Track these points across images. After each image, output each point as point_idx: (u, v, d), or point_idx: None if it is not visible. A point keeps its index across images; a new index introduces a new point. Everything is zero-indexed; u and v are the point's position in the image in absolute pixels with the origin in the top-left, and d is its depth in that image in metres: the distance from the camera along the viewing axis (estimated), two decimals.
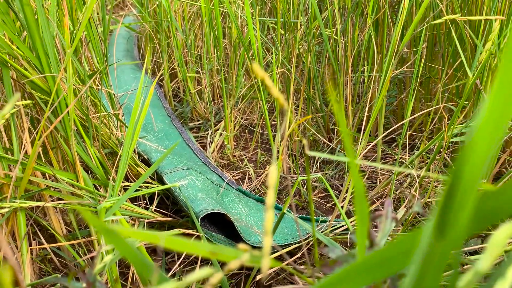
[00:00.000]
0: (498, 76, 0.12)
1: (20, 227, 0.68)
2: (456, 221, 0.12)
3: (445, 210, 0.12)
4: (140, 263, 0.20)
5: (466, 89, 0.76)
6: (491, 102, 0.13)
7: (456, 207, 0.12)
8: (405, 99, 1.24)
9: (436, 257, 0.13)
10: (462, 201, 0.12)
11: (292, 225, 0.87)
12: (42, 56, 0.65)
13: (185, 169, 0.94)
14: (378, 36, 1.14)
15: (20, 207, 0.65)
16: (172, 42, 1.40)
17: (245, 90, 1.31)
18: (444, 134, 0.80)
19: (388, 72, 0.88)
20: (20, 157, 0.66)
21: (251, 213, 0.89)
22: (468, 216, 0.12)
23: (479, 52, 0.81)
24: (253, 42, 1.04)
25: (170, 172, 0.92)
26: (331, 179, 1.08)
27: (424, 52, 1.10)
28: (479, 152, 0.11)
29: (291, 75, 1.13)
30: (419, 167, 1.06)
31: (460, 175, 0.12)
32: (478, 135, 0.11)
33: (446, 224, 0.12)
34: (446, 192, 0.12)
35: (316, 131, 1.23)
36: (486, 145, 0.11)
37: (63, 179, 0.69)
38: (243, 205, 0.92)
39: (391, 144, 1.21)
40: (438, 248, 0.13)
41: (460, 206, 0.12)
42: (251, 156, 1.22)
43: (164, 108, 1.36)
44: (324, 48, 1.27)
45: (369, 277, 0.19)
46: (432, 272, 0.13)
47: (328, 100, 1.39)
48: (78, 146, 0.73)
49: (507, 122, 0.13)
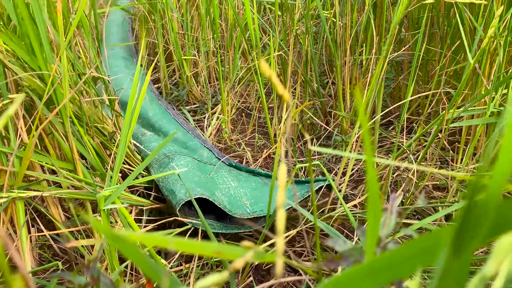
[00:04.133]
0: None
1: (19, 215, 0.68)
2: (472, 241, 0.12)
3: (461, 232, 0.12)
4: (150, 268, 0.20)
5: (465, 74, 0.75)
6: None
7: (473, 227, 0.12)
8: (403, 81, 1.24)
9: (453, 273, 0.13)
10: (480, 220, 0.12)
11: (288, 194, 0.88)
12: (35, 45, 0.63)
13: (168, 156, 0.93)
14: (376, 18, 1.12)
15: (19, 197, 0.65)
16: (167, 24, 1.38)
17: (242, 73, 1.30)
18: (442, 118, 0.79)
19: (387, 54, 0.87)
20: (16, 145, 0.65)
21: (240, 185, 0.90)
22: (485, 234, 0.12)
23: (479, 36, 0.80)
24: (249, 23, 1.02)
25: (156, 163, 0.92)
26: (328, 162, 1.08)
27: (423, 34, 1.09)
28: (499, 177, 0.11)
29: (289, 58, 1.11)
30: (416, 151, 1.07)
31: (477, 193, 0.11)
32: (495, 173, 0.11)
33: (463, 245, 0.12)
34: (464, 212, 0.12)
35: (314, 115, 1.22)
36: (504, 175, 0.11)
37: (61, 170, 0.69)
38: (233, 178, 0.93)
39: (388, 127, 1.21)
40: (454, 265, 0.13)
41: (477, 225, 0.12)
42: (248, 140, 1.22)
43: (150, 89, 1.34)
44: (321, 30, 1.26)
45: (376, 280, 0.19)
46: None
47: (325, 83, 1.38)
48: (74, 139, 0.73)
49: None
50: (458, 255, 0.13)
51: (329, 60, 1.37)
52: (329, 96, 1.29)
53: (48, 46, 0.66)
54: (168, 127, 1.09)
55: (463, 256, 0.13)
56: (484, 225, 0.12)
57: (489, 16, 0.87)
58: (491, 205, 0.12)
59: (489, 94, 0.78)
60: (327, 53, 1.38)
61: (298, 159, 1.10)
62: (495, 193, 0.11)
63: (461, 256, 0.13)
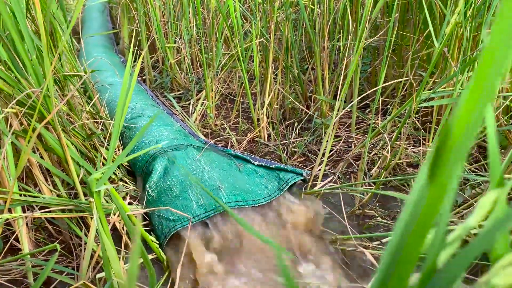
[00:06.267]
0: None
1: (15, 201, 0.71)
2: (448, 162, 0.16)
3: (436, 158, 0.16)
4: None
5: (434, 58, 0.81)
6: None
7: (449, 149, 0.16)
8: (379, 66, 1.29)
9: (429, 200, 0.17)
10: (452, 149, 0.16)
11: (272, 176, 0.89)
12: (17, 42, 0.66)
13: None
14: (352, 5, 1.17)
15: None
16: (150, 12, 1.40)
17: (225, 60, 1.34)
18: (413, 100, 0.85)
19: (362, 39, 0.92)
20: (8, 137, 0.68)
21: (213, 167, 0.89)
22: (462, 159, 0.16)
23: (447, 22, 0.86)
24: (231, 11, 1.06)
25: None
26: (309, 144, 1.13)
27: (396, 21, 1.14)
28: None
29: (270, 44, 1.16)
30: (392, 131, 1.13)
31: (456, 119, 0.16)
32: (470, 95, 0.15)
33: (439, 165, 0.16)
34: (439, 143, 0.16)
35: (295, 99, 1.27)
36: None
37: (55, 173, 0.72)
38: (205, 160, 0.91)
39: (365, 110, 1.27)
40: (431, 191, 0.17)
41: (450, 153, 0.16)
42: (232, 125, 1.26)
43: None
44: (300, 17, 1.30)
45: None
46: (424, 216, 0.18)
47: (305, 69, 1.42)
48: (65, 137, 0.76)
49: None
50: (433, 178, 0.17)
51: (308, 46, 1.41)
52: (309, 82, 1.34)
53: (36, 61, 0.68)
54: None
55: (437, 180, 0.17)
56: (456, 154, 0.16)
57: (456, 3, 0.92)
58: (461, 139, 0.16)
59: (456, 76, 0.84)
60: (306, 40, 1.42)
61: (281, 142, 1.15)
62: (464, 127, 0.16)
63: (436, 180, 0.17)
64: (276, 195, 0.83)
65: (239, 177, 0.88)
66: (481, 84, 0.16)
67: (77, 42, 1.81)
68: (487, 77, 0.16)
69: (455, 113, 0.17)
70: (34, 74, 0.74)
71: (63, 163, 0.85)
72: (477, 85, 0.16)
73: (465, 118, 0.17)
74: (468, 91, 0.17)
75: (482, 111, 0.17)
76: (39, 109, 0.73)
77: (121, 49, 1.77)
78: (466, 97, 0.17)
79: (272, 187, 0.85)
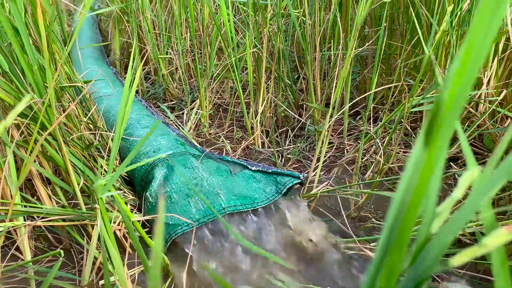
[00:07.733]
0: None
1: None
2: (442, 127, 0.18)
3: (430, 127, 0.19)
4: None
5: (423, 65, 0.85)
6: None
7: (442, 119, 0.18)
8: (368, 74, 1.33)
9: (424, 164, 0.19)
10: (443, 120, 0.18)
11: (270, 180, 0.90)
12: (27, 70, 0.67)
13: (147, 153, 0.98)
14: (342, 16, 1.21)
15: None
16: (143, 24, 1.42)
17: (218, 70, 1.36)
18: (404, 106, 0.89)
19: (352, 48, 0.96)
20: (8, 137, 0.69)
21: (211, 174, 0.90)
22: (452, 126, 0.18)
23: (434, 30, 0.90)
24: (225, 22, 1.09)
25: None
26: (303, 151, 1.16)
27: (385, 29, 1.18)
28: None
29: (263, 55, 1.18)
30: (382, 137, 1.16)
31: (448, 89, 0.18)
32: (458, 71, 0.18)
33: (431, 137, 0.19)
34: (432, 114, 0.18)
35: (287, 107, 1.30)
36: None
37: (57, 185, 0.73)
38: (204, 168, 0.92)
39: (356, 117, 1.31)
40: (426, 156, 0.19)
41: (442, 123, 0.18)
42: (226, 133, 1.28)
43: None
44: (289, 27, 1.34)
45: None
46: (420, 179, 0.20)
47: (295, 78, 1.46)
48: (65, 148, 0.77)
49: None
50: (428, 146, 0.19)
51: (298, 56, 1.45)
52: (299, 91, 1.37)
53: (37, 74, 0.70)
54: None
55: (431, 147, 0.19)
56: (448, 118, 0.18)
57: (443, 12, 0.97)
58: (451, 110, 0.18)
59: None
60: (296, 50, 1.46)
61: (275, 149, 1.17)
62: (453, 99, 0.18)
63: (430, 147, 0.19)
64: (275, 198, 0.85)
65: (237, 182, 0.89)
66: (471, 51, 0.19)
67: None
68: (476, 43, 0.19)
69: (446, 85, 0.20)
70: (35, 84, 0.75)
71: (62, 173, 0.86)
72: (467, 52, 0.19)
73: (456, 86, 0.19)
74: (458, 60, 0.19)
75: (470, 80, 0.19)
76: (41, 120, 0.74)
77: (112, 61, 1.78)
78: (456, 67, 0.19)
79: (270, 191, 0.87)
